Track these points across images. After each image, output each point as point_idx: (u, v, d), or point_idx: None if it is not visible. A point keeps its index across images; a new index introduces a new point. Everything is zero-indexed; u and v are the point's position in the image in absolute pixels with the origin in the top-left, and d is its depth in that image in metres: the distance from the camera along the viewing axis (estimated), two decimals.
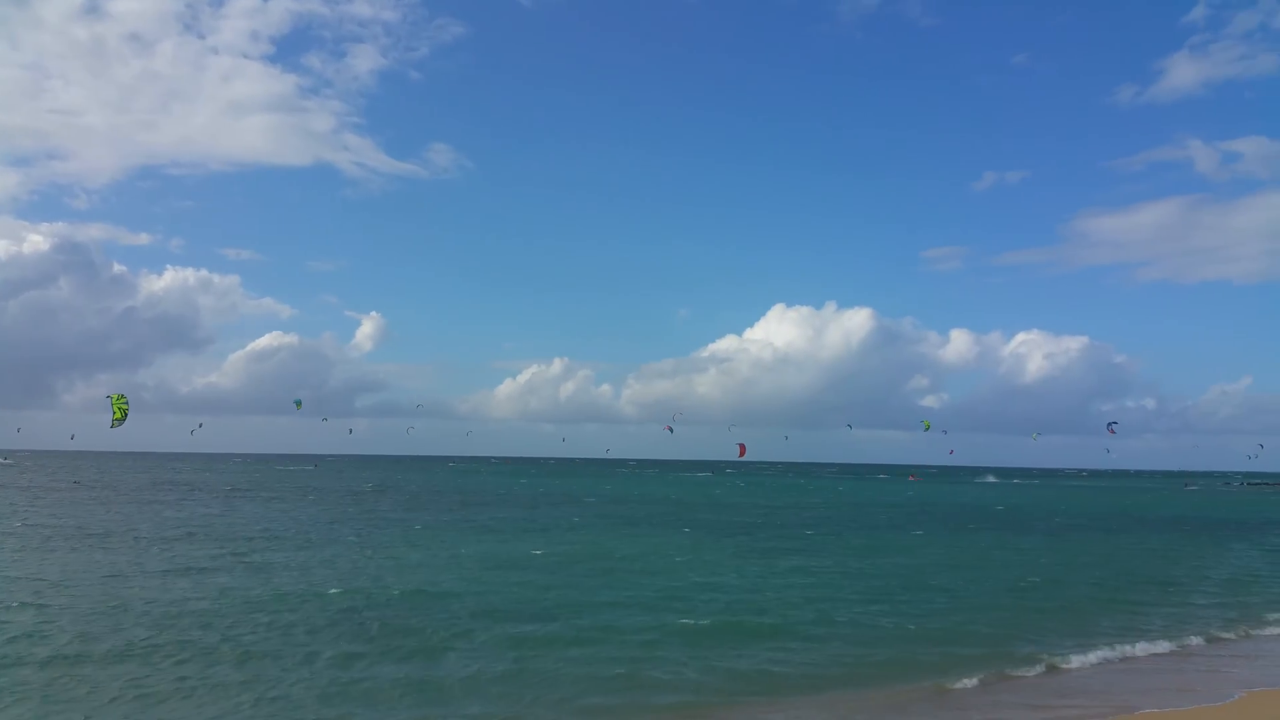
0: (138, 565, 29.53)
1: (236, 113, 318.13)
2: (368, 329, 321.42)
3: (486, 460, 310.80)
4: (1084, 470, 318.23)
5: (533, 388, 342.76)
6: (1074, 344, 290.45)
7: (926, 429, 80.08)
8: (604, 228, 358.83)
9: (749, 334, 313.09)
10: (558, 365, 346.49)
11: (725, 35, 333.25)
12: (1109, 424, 68.12)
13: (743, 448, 66.09)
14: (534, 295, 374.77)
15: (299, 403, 79.92)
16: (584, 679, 16.37)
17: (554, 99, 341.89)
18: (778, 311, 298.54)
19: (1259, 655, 20.37)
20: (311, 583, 26.24)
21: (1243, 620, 24.19)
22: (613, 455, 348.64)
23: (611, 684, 16.15)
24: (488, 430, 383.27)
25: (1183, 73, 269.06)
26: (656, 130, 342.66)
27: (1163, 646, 20.55)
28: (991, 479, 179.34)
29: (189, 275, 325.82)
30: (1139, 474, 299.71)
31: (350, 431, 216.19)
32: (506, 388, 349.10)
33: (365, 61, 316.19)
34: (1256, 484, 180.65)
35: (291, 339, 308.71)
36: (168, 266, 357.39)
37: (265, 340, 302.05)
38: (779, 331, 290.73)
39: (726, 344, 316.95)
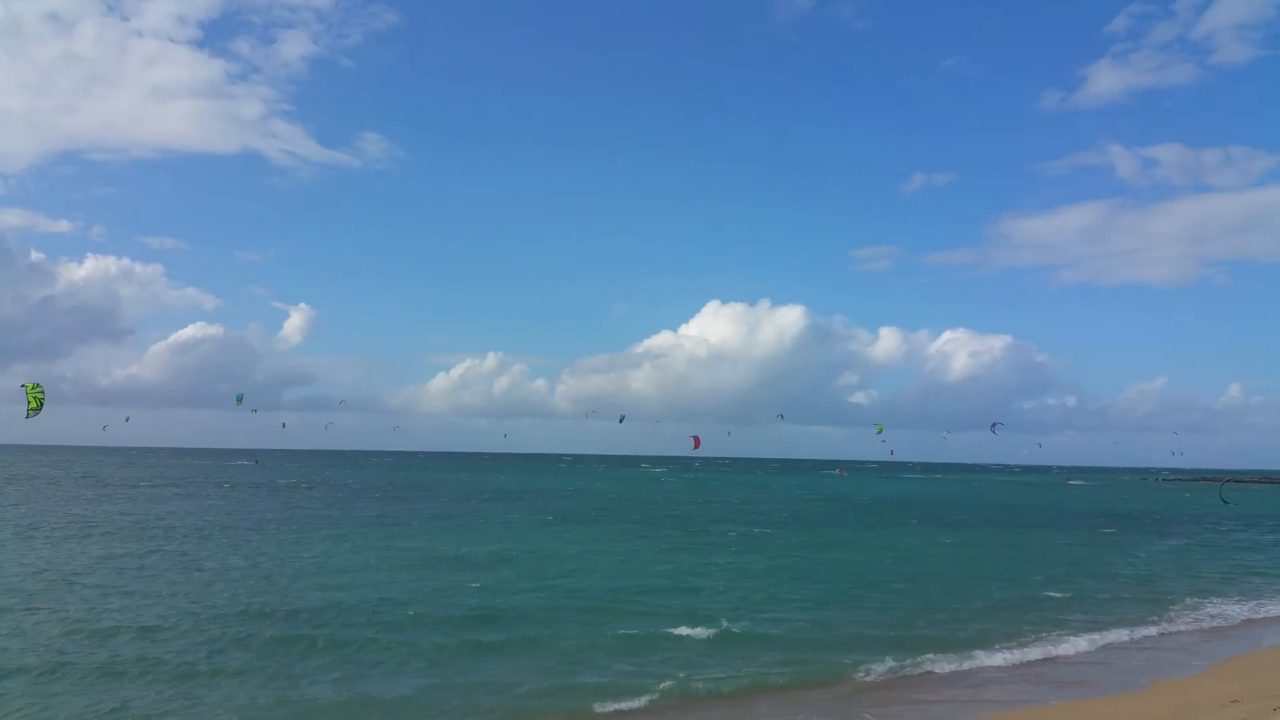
0: (53, 564, 28.37)
1: (161, 98, 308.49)
2: (296, 321, 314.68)
3: (415, 455, 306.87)
4: (1016, 465, 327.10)
5: (466, 382, 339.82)
6: (998, 343, 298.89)
7: (880, 432, 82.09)
8: (540, 222, 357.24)
9: (684, 330, 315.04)
10: (492, 360, 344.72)
11: (662, 32, 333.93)
12: (992, 424, 69.83)
13: (697, 440, 66.33)
14: (468, 289, 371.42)
15: (240, 398, 77.71)
16: (513, 689, 15.77)
17: (489, 91, 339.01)
18: (713, 308, 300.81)
19: (1167, 647, 20.88)
20: (223, 589, 25.00)
21: (1150, 613, 24.71)
22: (548, 450, 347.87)
23: (543, 694, 15.59)
24: (419, 425, 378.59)
25: (1105, 80, 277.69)
26: (593, 126, 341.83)
27: (1074, 639, 20.85)
28: (916, 475, 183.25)
29: (110, 264, 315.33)
30: (1061, 469, 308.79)
31: (284, 425, 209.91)
32: (439, 382, 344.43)
33: (296, 48, 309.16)
34: (1171, 480, 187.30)
35: (216, 330, 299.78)
36: (88, 255, 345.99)
37: (189, 331, 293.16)
38: (714, 328, 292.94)
39: (662, 340, 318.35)
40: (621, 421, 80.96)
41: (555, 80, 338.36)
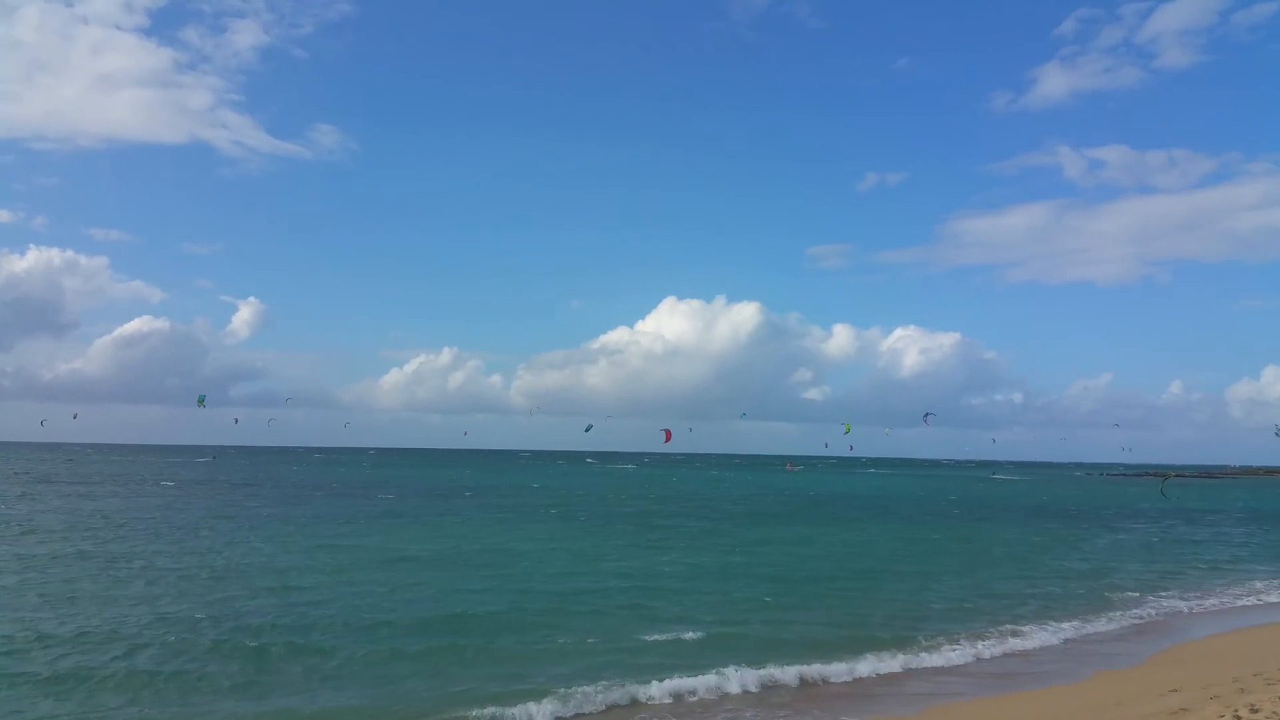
0: None
1: (107, 86, 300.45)
2: (245, 315, 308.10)
3: (367, 452, 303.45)
4: (970, 461, 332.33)
5: (420, 378, 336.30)
6: (947, 340, 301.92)
7: (847, 432, 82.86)
8: (496, 216, 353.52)
9: (640, 326, 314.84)
10: (446, 355, 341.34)
11: (619, 27, 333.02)
12: (925, 415, 70.87)
13: (668, 433, 66.29)
14: (423, 283, 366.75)
15: (202, 399, 75.84)
16: (453, 697, 15.19)
17: (444, 84, 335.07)
18: (669, 304, 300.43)
19: (1108, 639, 21.11)
20: (155, 591, 24.13)
21: (1093, 606, 24.94)
22: (505, 446, 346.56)
23: (483, 701, 14.99)
24: (373, 421, 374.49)
25: (1054, 82, 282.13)
26: (550, 121, 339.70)
27: (1019, 633, 21.01)
28: (869, 470, 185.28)
29: (53, 256, 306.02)
30: (1014, 464, 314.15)
31: (236, 421, 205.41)
32: (393, 377, 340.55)
33: (247, 37, 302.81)
34: (1116, 475, 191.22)
35: (162, 324, 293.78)
36: (30, 246, 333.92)
37: (134, 325, 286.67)
38: (670, 324, 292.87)
39: (618, 335, 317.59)
40: (588, 431, 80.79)
41: (511, 74, 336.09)
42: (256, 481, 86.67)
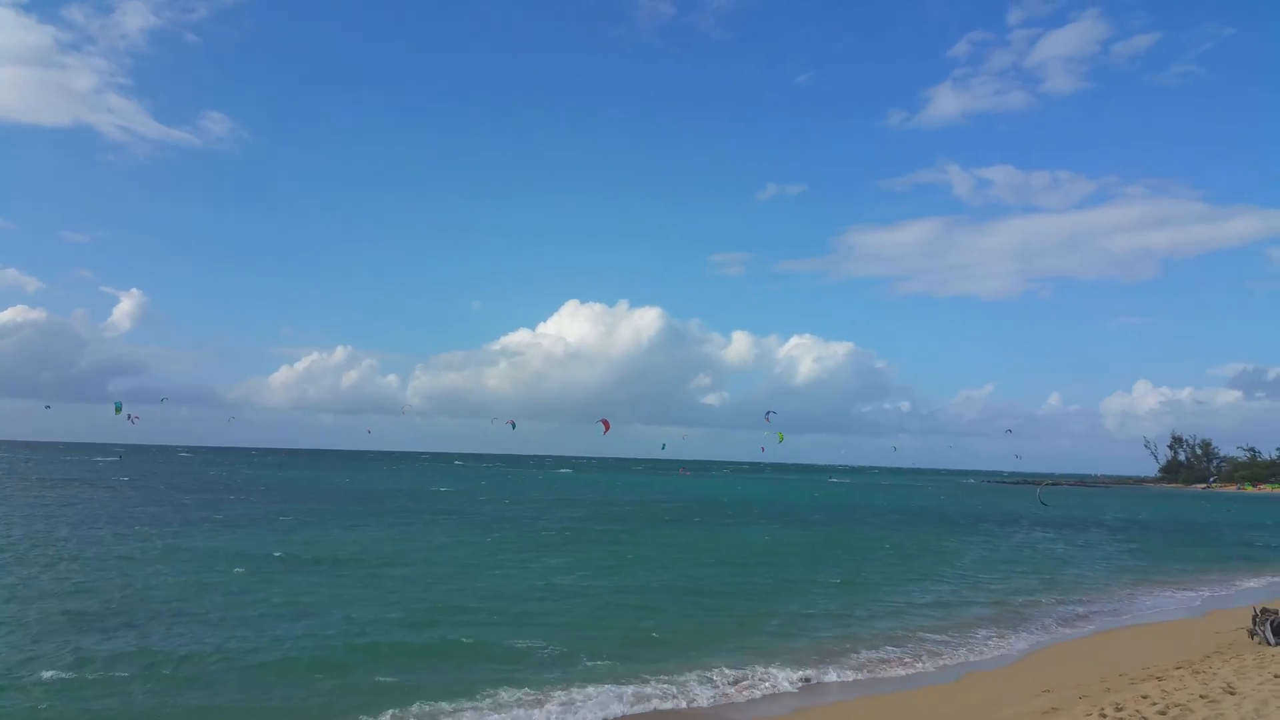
0: None
1: None
2: (126, 307, 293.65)
3: (252, 452, 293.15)
4: (873, 467, 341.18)
5: (312, 376, 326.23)
6: (841, 349, 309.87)
7: (780, 440, 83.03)
8: (395, 214, 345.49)
9: (542, 328, 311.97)
10: (340, 353, 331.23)
11: (522, 30, 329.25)
12: (766, 413, 72.08)
13: (606, 424, 65.38)
14: (315, 280, 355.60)
15: (119, 407, 70.78)
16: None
17: (343, 79, 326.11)
18: (571, 307, 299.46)
19: (982, 641, 21.16)
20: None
21: (967, 610, 25.17)
22: (401, 448, 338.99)
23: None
24: (261, 420, 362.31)
25: (946, 103, 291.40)
26: (450, 122, 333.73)
27: (891, 636, 20.90)
28: (763, 475, 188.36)
29: None
30: (911, 471, 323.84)
31: (130, 419, 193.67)
32: (283, 375, 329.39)
33: (135, 19, 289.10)
34: (999, 482, 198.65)
35: (38, 314, 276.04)
36: None
37: (8, 315, 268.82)
38: (571, 327, 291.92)
39: (519, 337, 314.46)
40: (514, 428, 79.43)
41: (412, 74, 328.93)
42: (132, 479, 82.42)
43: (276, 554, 31.31)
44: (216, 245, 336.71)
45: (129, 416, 73.31)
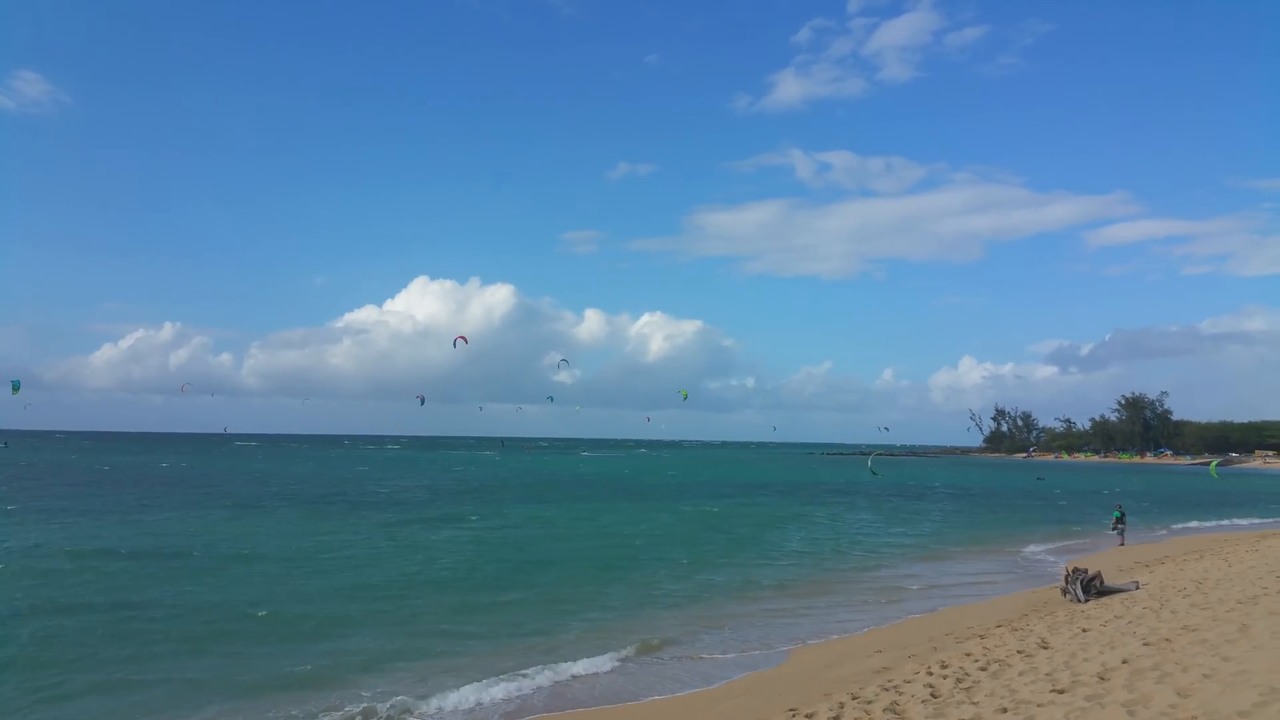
0: None
1: None
2: None
3: (72, 435, 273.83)
4: (718, 441, 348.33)
5: (138, 354, 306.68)
6: (690, 327, 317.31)
7: (684, 397, 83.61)
8: (227, 181, 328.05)
9: (389, 305, 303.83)
10: (168, 330, 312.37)
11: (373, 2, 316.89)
12: (549, 397, 73.73)
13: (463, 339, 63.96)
14: (143, 253, 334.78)
15: (16, 386, 63.27)
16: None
17: (173, 39, 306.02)
18: (420, 284, 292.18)
19: (805, 614, 21.35)
20: None
21: (797, 585, 24.85)
22: (238, 430, 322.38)
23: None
24: (81, 402, 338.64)
25: (789, 88, 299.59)
26: (291, 85, 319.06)
27: (709, 625, 19.81)
28: (585, 453, 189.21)
29: None
30: (761, 445, 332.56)
31: None
32: (105, 354, 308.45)
33: None
34: (834, 454, 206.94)
35: None
36: None
37: None
38: (421, 304, 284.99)
39: (365, 314, 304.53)
40: (422, 403, 77.06)
41: (247, 31, 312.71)
42: None
43: None
44: (29, 213, 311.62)
45: None
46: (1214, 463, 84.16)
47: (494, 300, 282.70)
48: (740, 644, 17.89)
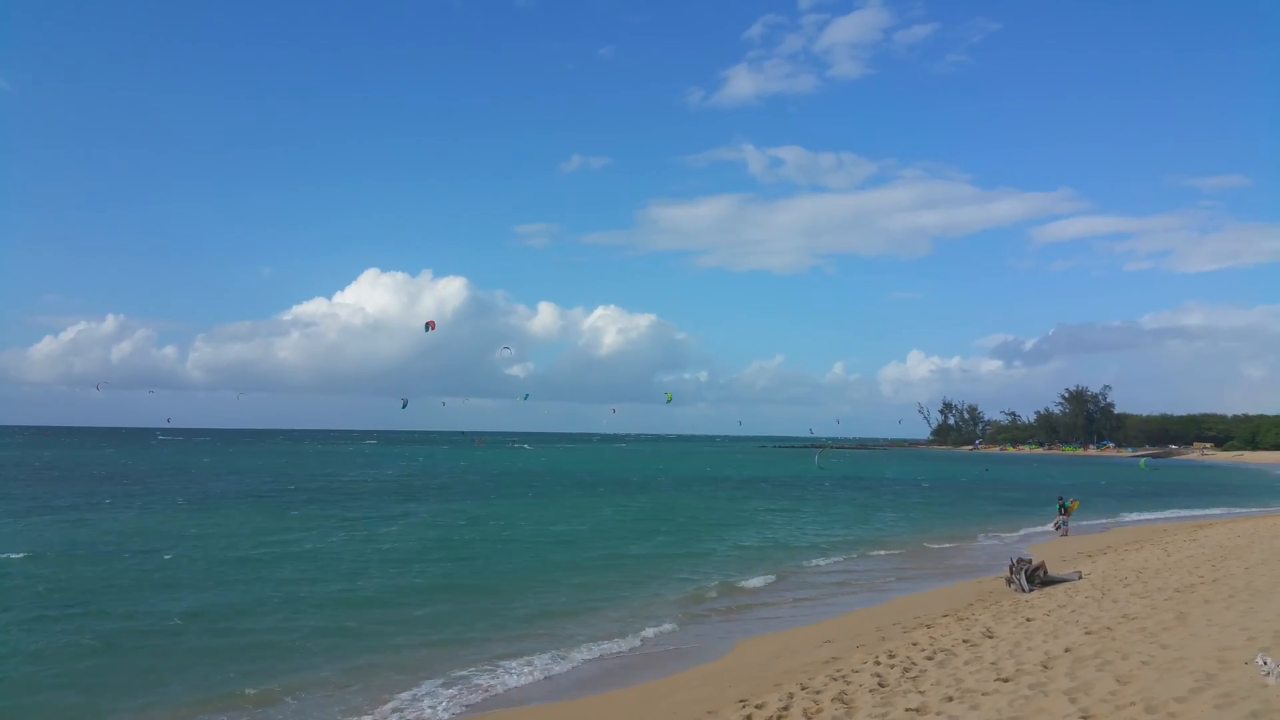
0: None
1: None
2: None
3: (9, 430, 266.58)
4: (673, 435, 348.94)
5: (79, 348, 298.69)
6: (644, 320, 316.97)
7: (669, 399, 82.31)
8: (171, 169, 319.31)
9: (339, 298, 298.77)
10: (111, 323, 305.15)
11: None
12: (403, 402, 72.68)
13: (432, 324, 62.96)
14: (84, 242, 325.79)
15: None
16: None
17: (113, 22, 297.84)
18: (371, 276, 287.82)
19: (753, 606, 21.50)
20: None
21: (744, 578, 24.74)
22: (184, 426, 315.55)
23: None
24: (20, 396, 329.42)
25: (742, 83, 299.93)
26: (234, 75, 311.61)
27: (657, 619, 19.56)
28: (526, 446, 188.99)
29: None
30: (720, 438, 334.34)
31: None
32: (45, 346, 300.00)
33: None
34: (785, 446, 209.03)
35: None
36: None
37: None
38: (371, 297, 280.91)
39: (314, 307, 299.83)
40: (405, 406, 75.66)
41: (187, 23, 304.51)
42: None
43: None
44: None
45: None
46: (1143, 459, 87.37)
47: (447, 293, 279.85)
48: (690, 637, 17.92)
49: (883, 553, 30.55)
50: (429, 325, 56.90)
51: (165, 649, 16.13)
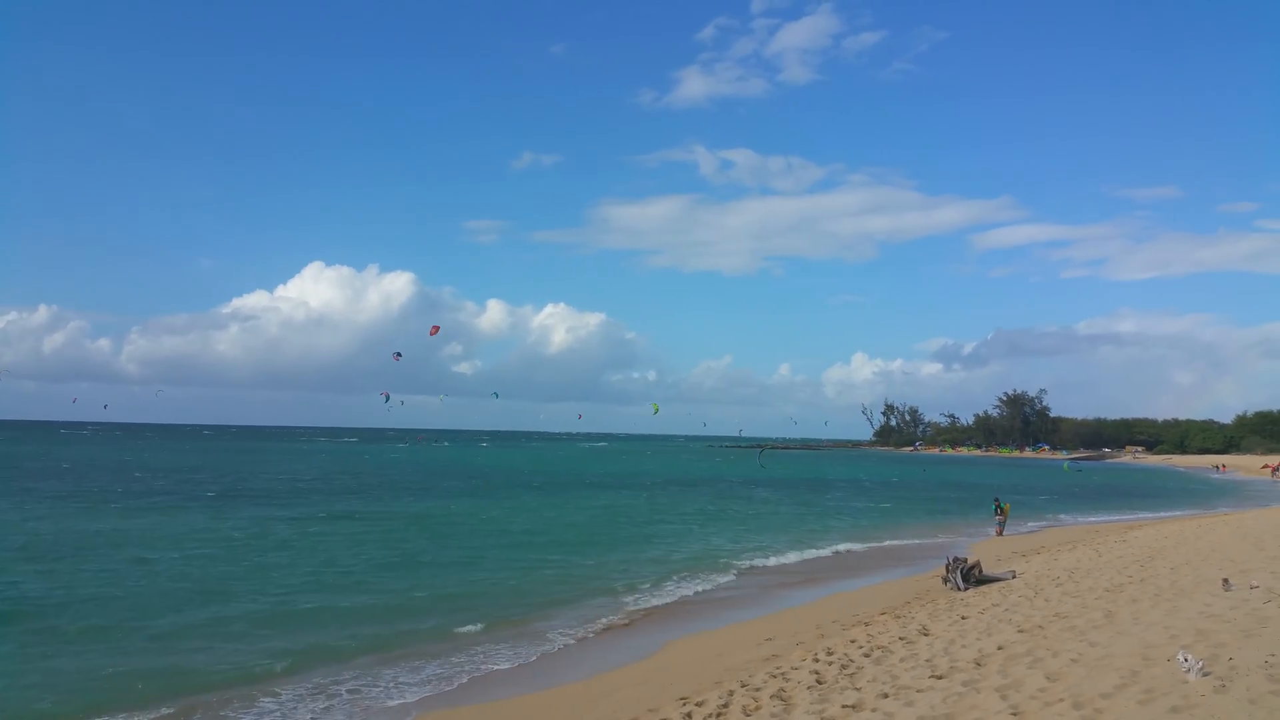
0: None
1: None
2: None
3: None
4: (625, 434, 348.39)
5: (8, 339, 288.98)
6: (593, 319, 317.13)
7: (655, 411, 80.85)
8: (103, 153, 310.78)
9: (281, 291, 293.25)
10: (43, 313, 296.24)
11: None
12: (385, 396, 71.28)
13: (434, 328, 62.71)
14: (16, 232, 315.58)
15: None
16: None
17: (45, 20, 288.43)
18: (315, 269, 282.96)
19: (696, 603, 21.66)
20: None
21: (680, 576, 24.90)
22: (115, 420, 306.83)
23: None
24: None
25: (694, 85, 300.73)
26: (183, 65, 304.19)
27: (568, 619, 19.25)
28: (446, 443, 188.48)
29: None
30: (687, 438, 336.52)
31: None
32: None
33: None
34: (730, 447, 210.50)
35: None
36: None
37: None
38: (315, 291, 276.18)
39: (255, 300, 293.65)
40: (387, 400, 73.28)
41: (131, 19, 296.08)
42: None
43: None
44: None
45: None
46: (1065, 462, 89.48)
47: (393, 289, 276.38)
48: (630, 635, 17.94)
49: (823, 551, 30.87)
50: (433, 330, 57.43)
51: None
